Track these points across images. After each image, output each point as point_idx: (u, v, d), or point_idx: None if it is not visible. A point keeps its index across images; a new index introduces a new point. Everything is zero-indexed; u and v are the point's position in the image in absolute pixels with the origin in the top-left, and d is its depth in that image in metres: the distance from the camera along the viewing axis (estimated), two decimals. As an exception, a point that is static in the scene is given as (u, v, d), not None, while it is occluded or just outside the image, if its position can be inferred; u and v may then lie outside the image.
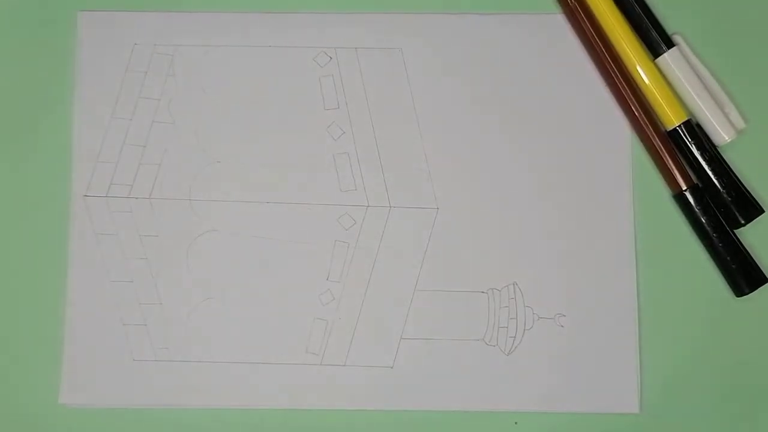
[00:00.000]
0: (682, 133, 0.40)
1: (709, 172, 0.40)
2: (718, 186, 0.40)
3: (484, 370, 0.40)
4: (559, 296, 0.40)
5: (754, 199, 0.40)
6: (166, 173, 0.41)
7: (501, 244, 0.40)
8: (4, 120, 0.41)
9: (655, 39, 0.41)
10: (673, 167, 0.40)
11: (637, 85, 0.41)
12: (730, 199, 0.40)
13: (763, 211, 0.40)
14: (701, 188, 0.40)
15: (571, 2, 0.41)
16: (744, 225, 0.40)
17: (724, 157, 0.40)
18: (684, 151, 0.41)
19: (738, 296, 0.40)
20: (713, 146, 0.41)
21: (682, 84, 0.41)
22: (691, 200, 0.40)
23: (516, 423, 0.40)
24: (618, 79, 0.41)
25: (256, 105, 0.41)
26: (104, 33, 0.41)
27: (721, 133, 0.40)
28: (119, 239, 0.40)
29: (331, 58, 0.42)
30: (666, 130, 0.41)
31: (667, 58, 0.41)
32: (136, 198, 0.41)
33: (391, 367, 0.40)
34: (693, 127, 0.40)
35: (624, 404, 0.39)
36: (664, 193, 0.41)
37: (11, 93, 0.41)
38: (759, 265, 0.40)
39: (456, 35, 0.42)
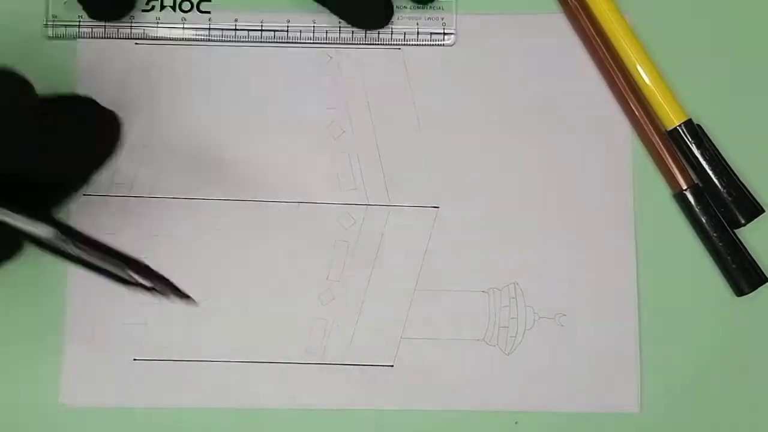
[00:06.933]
0: (682, 133, 0.40)
1: (710, 172, 0.40)
2: (719, 186, 0.40)
3: (484, 370, 0.40)
4: (559, 296, 0.40)
5: (754, 199, 0.40)
6: (166, 173, 0.41)
7: (501, 243, 0.40)
8: (4, 120, 0.41)
9: (655, 39, 0.41)
10: (674, 167, 0.40)
11: (637, 85, 0.41)
12: (730, 198, 0.40)
13: (763, 211, 0.40)
14: (701, 188, 0.40)
15: (572, 2, 0.41)
16: (744, 225, 0.40)
17: (724, 157, 0.40)
18: (684, 150, 0.41)
19: (738, 296, 0.40)
20: (713, 146, 0.40)
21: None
22: (692, 200, 0.40)
23: (516, 423, 0.39)
24: (618, 79, 0.41)
25: (256, 105, 0.41)
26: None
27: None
28: (119, 239, 0.40)
29: (331, 57, 0.42)
30: (666, 130, 0.41)
31: (667, 57, 0.41)
32: (136, 198, 0.41)
33: (392, 367, 0.40)
34: (693, 127, 0.40)
35: (624, 404, 0.39)
36: (664, 192, 0.41)
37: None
38: (759, 265, 0.40)
39: (456, 35, 0.42)
